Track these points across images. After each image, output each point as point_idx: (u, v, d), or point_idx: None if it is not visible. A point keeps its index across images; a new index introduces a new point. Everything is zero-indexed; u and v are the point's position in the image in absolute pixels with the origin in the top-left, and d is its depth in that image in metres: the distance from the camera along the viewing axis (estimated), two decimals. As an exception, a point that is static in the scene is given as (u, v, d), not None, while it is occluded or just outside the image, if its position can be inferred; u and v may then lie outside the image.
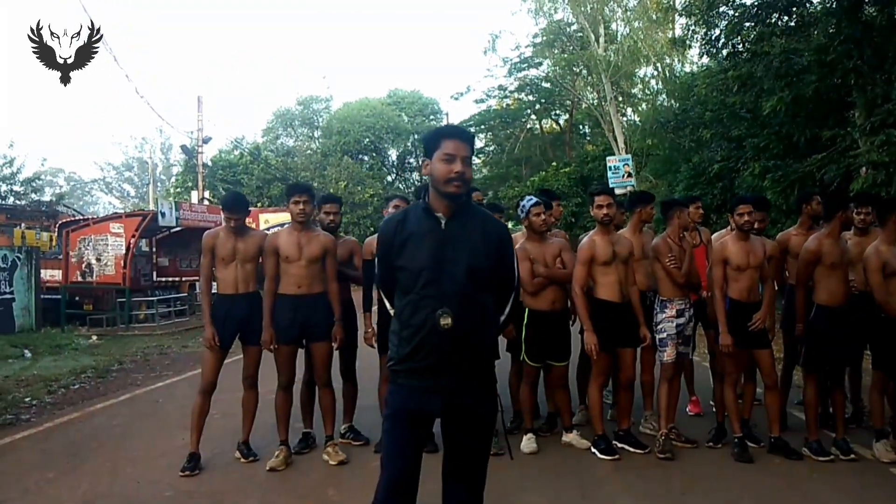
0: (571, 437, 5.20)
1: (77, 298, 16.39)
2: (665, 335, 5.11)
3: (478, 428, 2.81)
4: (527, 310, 5.09)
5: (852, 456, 4.76)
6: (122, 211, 30.35)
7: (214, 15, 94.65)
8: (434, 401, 2.73)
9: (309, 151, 38.71)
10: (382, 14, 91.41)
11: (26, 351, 11.31)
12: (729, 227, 5.56)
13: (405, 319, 2.73)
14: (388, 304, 2.96)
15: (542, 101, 32.66)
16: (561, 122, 35.50)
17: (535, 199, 5.16)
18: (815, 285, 4.92)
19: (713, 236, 5.96)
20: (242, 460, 4.97)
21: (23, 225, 20.76)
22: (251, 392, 5.08)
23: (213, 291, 5.07)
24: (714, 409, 5.50)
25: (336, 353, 5.16)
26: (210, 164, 32.62)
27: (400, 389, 2.78)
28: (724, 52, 13.13)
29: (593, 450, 4.96)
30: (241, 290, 4.98)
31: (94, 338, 13.40)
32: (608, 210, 4.97)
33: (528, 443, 5.08)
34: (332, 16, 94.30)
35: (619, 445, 5.02)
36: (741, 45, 12.43)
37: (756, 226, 5.11)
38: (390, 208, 5.31)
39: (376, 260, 3.00)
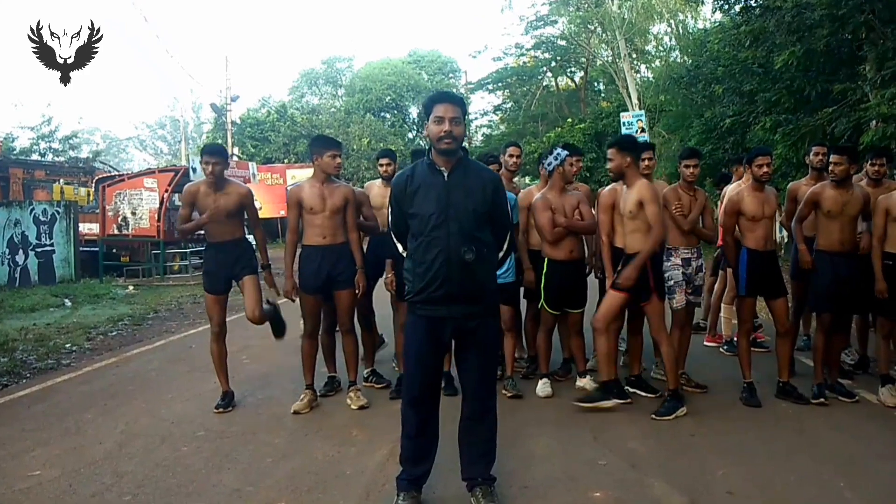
0: (585, 382, 5.33)
1: (114, 250, 16.92)
2: (672, 282, 5.20)
3: (483, 348, 3.29)
4: (546, 259, 5.20)
5: (856, 399, 4.88)
6: (156, 167, 30.86)
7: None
8: (446, 327, 3.22)
9: (333, 109, 39.01)
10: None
11: (66, 300, 11.75)
12: (745, 179, 5.59)
13: (419, 258, 3.16)
14: (399, 247, 3.37)
15: (558, 58, 32.55)
16: (576, 79, 35.46)
17: (567, 152, 5.27)
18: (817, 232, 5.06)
19: (727, 188, 6.02)
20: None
21: (61, 181, 21.28)
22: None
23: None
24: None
25: None
26: (238, 121, 32.96)
27: (418, 321, 3.23)
28: (737, 7, 13.08)
29: (606, 394, 5.10)
30: (227, 238, 5.10)
31: (131, 288, 13.83)
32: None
33: (543, 387, 5.23)
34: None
35: (631, 390, 5.16)
36: (753, 1, 12.29)
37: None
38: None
39: (390, 208, 3.39)
